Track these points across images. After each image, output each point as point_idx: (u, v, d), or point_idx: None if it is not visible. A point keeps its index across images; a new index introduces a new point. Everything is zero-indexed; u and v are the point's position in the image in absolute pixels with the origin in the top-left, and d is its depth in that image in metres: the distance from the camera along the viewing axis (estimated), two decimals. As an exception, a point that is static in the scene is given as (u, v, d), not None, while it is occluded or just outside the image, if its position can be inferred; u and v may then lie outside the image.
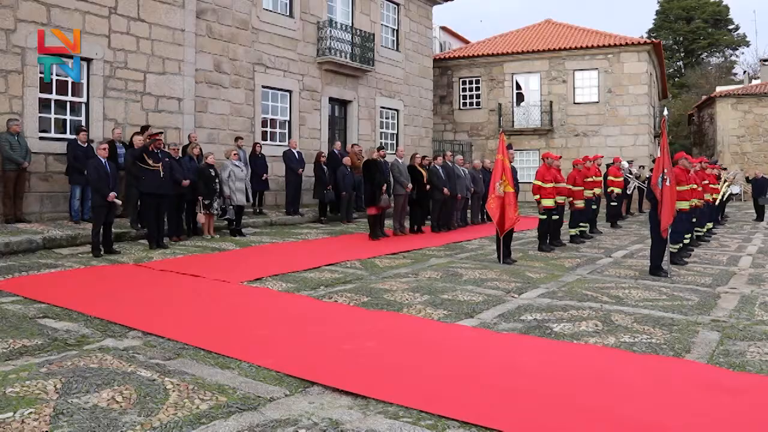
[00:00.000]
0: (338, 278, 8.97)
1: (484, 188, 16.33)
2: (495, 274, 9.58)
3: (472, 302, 7.57)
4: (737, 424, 4.10)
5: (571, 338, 6.10)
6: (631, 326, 6.56)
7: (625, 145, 27.73)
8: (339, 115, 21.83)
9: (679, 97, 52.30)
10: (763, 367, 5.32)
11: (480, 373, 4.97)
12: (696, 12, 58.70)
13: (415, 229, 15.09)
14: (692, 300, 8.04)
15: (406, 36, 24.84)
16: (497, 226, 10.82)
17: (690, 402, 4.49)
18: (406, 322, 6.64)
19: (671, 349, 5.79)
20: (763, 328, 6.64)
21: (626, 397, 4.53)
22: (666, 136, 10.29)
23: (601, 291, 8.46)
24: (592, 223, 15.75)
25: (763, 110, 36.11)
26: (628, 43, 28.56)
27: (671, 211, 9.69)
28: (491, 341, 6.01)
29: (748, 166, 33.90)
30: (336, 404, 4.29)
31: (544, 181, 12.50)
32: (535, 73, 29.62)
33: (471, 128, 30.50)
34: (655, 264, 10.00)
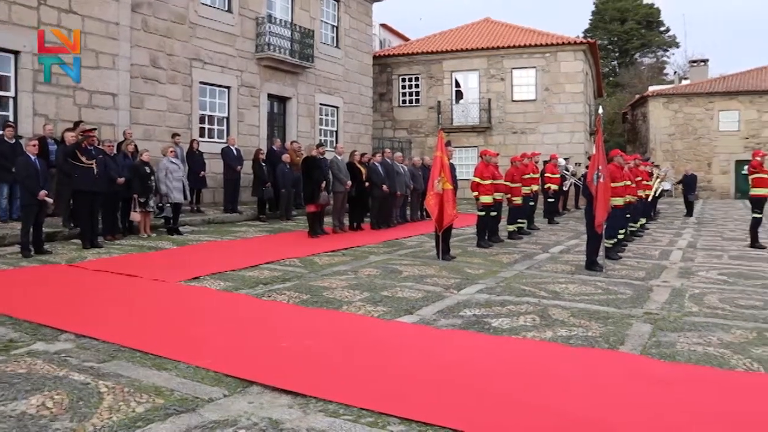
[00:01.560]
0: (277, 276, 8.91)
1: (423, 185, 16.42)
2: (434, 271, 9.64)
3: (412, 299, 7.61)
4: (669, 412, 4.22)
5: (510, 333, 6.19)
6: (567, 320, 6.69)
7: (562, 143, 28.24)
8: (278, 111, 21.67)
9: (614, 96, 53.52)
10: (691, 357, 5.50)
11: (420, 370, 5.00)
12: (630, 13, 60.20)
13: (355, 227, 15.09)
14: (626, 293, 8.25)
15: (346, 33, 24.80)
16: (436, 222, 10.89)
17: (625, 393, 4.60)
18: (345, 320, 6.64)
19: (606, 342, 5.93)
20: (692, 319, 6.86)
21: (563, 389, 4.62)
22: (601, 133, 10.51)
23: (538, 286, 8.60)
24: (529, 219, 15.99)
25: (692, 110, 37.27)
26: (564, 43, 29.12)
27: (606, 207, 9.92)
28: (431, 337, 6.05)
29: (679, 163, 34.96)
30: (276, 403, 4.26)
31: (482, 178, 12.62)
32: (474, 71, 29.93)
33: (410, 125, 30.66)
34: (590, 259, 10.21)
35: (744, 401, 4.52)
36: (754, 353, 5.63)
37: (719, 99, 37.11)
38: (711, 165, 36.95)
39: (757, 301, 7.90)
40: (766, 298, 8.10)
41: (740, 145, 36.14)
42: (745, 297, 8.17)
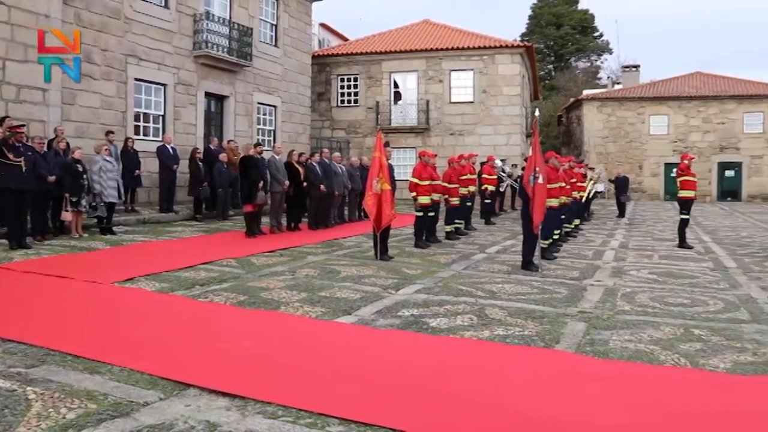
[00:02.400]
0: (214, 277, 8.79)
1: (361, 185, 16.44)
2: (372, 271, 9.66)
3: (350, 299, 7.61)
4: (604, 408, 4.33)
5: (448, 333, 6.24)
6: (504, 319, 6.79)
7: (499, 144, 28.62)
8: (215, 110, 21.39)
9: (550, 99, 54.46)
10: (624, 354, 5.65)
11: (359, 370, 5.00)
12: (565, 19, 61.39)
13: (292, 227, 15.01)
14: (561, 293, 8.41)
15: (285, 32, 24.64)
16: (374, 223, 10.92)
17: (561, 390, 4.69)
18: (283, 321, 6.59)
19: (542, 341, 6.04)
20: (624, 317, 7.05)
21: (501, 388, 4.69)
22: (537, 135, 10.70)
23: (475, 286, 8.70)
24: (467, 220, 16.16)
25: (624, 113, 38.24)
26: (502, 46, 29.52)
27: (542, 208, 10.10)
28: (369, 338, 6.06)
29: (612, 165, 35.80)
30: (213, 406, 4.20)
31: (420, 179, 12.70)
32: (412, 72, 30.08)
33: (349, 126, 30.64)
34: (526, 259, 10.38)
35: (673, 395, 4.67)
36: (681, 349, 5.83)
37: (650, 104, 38.19)
38: (642, 167, 37.98)
39: (684, 299, 8.17)
40: (694, 296, 8.38)
41: (669, 148, 37.24)
42: (673, 295, 8.44)
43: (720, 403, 4.55)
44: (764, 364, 5.47)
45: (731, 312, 7.53)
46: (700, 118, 37.35)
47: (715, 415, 4.28)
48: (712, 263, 11.84)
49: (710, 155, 37.07)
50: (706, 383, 5.02)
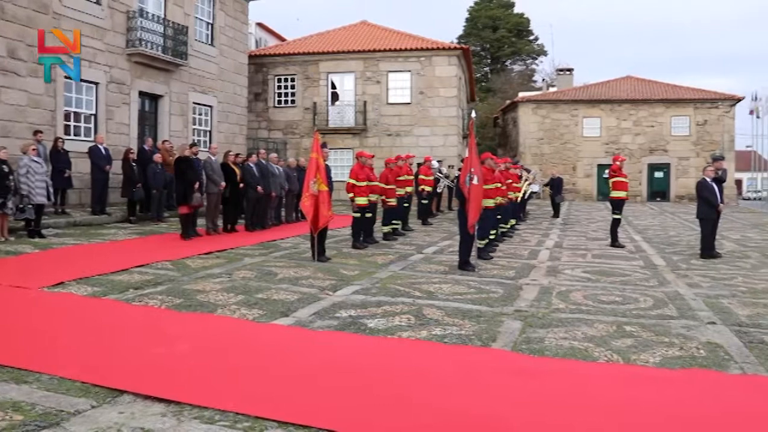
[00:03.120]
0: (148, 280, 8.62)
1: (298, 186, 16.34)
2: (309, 272, 9.62)
3: (287, 301, 7.56)
4: (540, 405, 4.40)
5: (386, 333, 6.26)
6: (442, 319, 6.84)
7: (436, 145, 28.83)
8: (150, 110, 20.96)
9: (486, 101, 55.05)
10: (559, 351, 5.77)
11: (297, 372, 4.97)
12: (501, 22, 62.17)
13: (229, 228, 14.82)
14: (497, 292, 8.52)
15: (221, 31, 24.32)
16: (311, 224, 10.88)
17: (498, 388, 4.77)
18: (220, 324, 6.51)
19: (479, 340, 6.11)
20: (559, 315, 7.19)
21: (439, 387, 4.72)
22: (474, 137, 10.82)
23: (413, 286, 8.74)
24: (404, 220, 16.23)
25: (559, 115, 38.99)
26: (439, 48, 29.78)
27: (478, 209, 10.20)
28: (307, 339, 6.03)
29: (546, 166, 36.44)
30: (148, 412, 4.11)
31: (357, 180, 12.70)
32: (350, 73, 30.07)
33: (286, 126, 30.45)
34: (463, 259, 10.47)
35: (605, 390, 4.81)
36: (614, 345, 5.98)
37: (583, 106, 39.02)
38: (576, 168, 38.77)
39: (617, 297, 8.38)
40: (625, 294, 8.60)
41: (602, 150, 38.13)
42: (606, 293, 8.64)
43: (650, 396, 4.68)
44: (690, 358, 5.67)
45: (660, 308, 7.76)
46: (631, 121, 38.37)
47: (645, 409, 4.40)
48: (642, 261, 12.17)
49: (640, 157, 38.10)
50: (637, 378, 5.16)
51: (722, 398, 4.75)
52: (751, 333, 6.61)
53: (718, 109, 38.00)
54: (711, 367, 5.46)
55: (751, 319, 7.29)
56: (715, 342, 6.22)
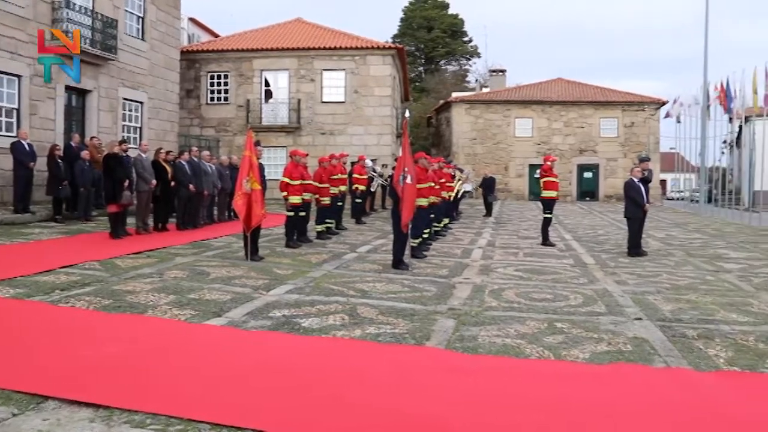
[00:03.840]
0: (75, 281, 8.37)
1: (231, 185, 16.14)
2: (243, 272, 9.52)
3: (220, 301, 7.46)
4: (474, 403, 4.45)
5: (320, 332, 6.24)
6: (376, 318, 6.86)
7: (370, 144, 28.88)
8: (77, 105, 20.36)
9: (420, 101, 55.38)
10: (492, 349, 5.84)
11: (230, 373, 4.90)
12: (436, 22, 62.67)
13: (160, 227, 14.53)
14: (431, 291, 8.59)
15: (153, 25, 23.79)
16: (244, 223, 10.76)
17: (432, 386, 4.79)
18: (151, 325, 6.37)
19: (413, 338, 6.14)
20: (492, 313, 7.29)
21: (373, 386, 4.73)
22: (407, 136, 10.86)
23: (347, 285, 8.74)
24: (337, 219, 16.21)
25: (491, 116, 39.53)
26: (374, 47, 29.84)
27: (412, 208, 10.26)
28: (240, 340, 5.96)
29: (479, 166, 36.91)
30: (75, 418, 3.99)
31: (291, 179, 12.63)
32: (284, 71, 29.88)
33: (218, 124, 30.05)
34: (397, 258, 10.52)
35: (538, 386, 4.89)
36: (545, 342, 6.09)
37: (515, 107, 39.67)
38: (508, 168, 39.37)
39: (548, 294, 8.54)
40: (556, 292, 8.78)
41: (533, 150, 38.83)
42: (537, 291, 8.81)
43: (579, 391, 4.80)
44: (618, 353, 5.83)
45: (590, 305, 7.95)
46: (561, 122, 39.20)
47: (575, 403, 4.50)
48: (572, 260, 12.44)
49: (571, 157, 38.95)
50: (568, 373, 5.27)
51: (647, 391, 4.89)
52: (674, 327, 6.84)
53: (644, 111, 39.17)
54: (637, 361, 5.63)
55: (674, 314, 7.54)
56: (641, 337, 6.41)
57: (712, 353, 5.92)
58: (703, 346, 6.15)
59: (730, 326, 7.01)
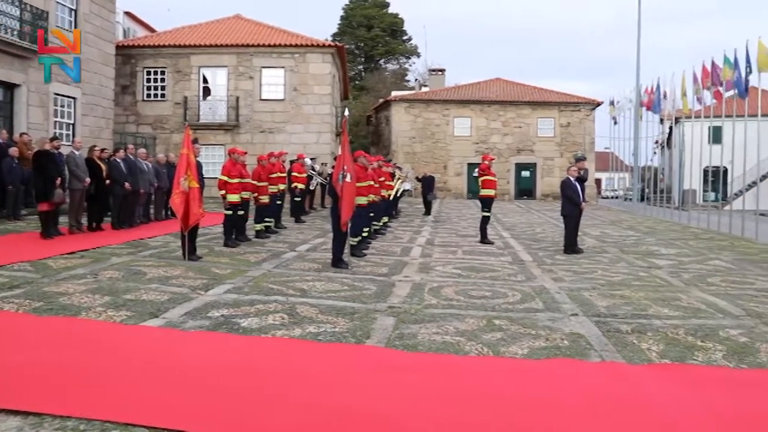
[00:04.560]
0: (4, 283, 8.09)
1: (168, 183, 15.85)
2: (180, 272, 9.36)
3: (157, 301, 7.32)
4: (414, 400, 4.47)
5: (259, 332, 6.18)
6: (315, 317, 6.82)
7: (309, 143, 28.76)
8: (4, 100, 19.69)
9: (359, 99, 55.42)
10: (431, 346, 5.87)
11: (168, 375, 4.81)
12: (376, 21, 62.78)
13: (94, 227, 14.18)
14: (371, 289, 8.59)
15: (86, 18, 23.16)
16: (182, 222, 10.58)
17: (373, 384, 4.80)
18: (85, 327, 6.20)
19: (353, 337, 6.13)
20: (431, 311, 7.33)
21: (313, 385, 4.69)
22: (347, 135, 10.85)
23: (286, 284, 8.68)
24: (277, 218, 16.09)
25: (431, 115, 39.81)
26: (314, 45, 29.74)
27: (351, 206, 10.25)
28: (178, 340, 5.86)
29: (418, 165, 37.13)
30: (2, 427, 3.83)
31: (230, 177, 12.49)
32: (222, 68, 29.53)
33: (155, 121, 29.51)
34: (336, 256, 10.49)
35: (477, 382, 4.94)
36: (484, 339, 6.16)
37: (454, 107, 40.05)
38: (447, 167, 39.72)
39: (486, 292, 8.64)
40: (495, 289, 8.88)
41: (472, 149, 39.26)
42: (476, 288, 8.90)
43: (518, 386, 4.88)
44: (555, 348, 5.94)
45: (527, 302, 8.06)
46: (499, 122, 39.73)
47: (513, 398, 4.56)
48: (510, 257, 12.60)
49: (509, 156, 39.51)
50: (507, 369, 5.34)
51: (583, 385, 5.01)
52: (609, 323, 7.00)
53: (580, 112, 39.99)
54: (574, 356, 5.74)
55: (609, 309, 7.72)
56: (577, 332, 6.53)
57: (645, 347, 6.08)
58: (637, 340, 6.31)
59: (662, 320, 7.21)
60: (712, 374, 5.41)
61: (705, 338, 6.45)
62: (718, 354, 5.94)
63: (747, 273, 11.39)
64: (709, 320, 7.34)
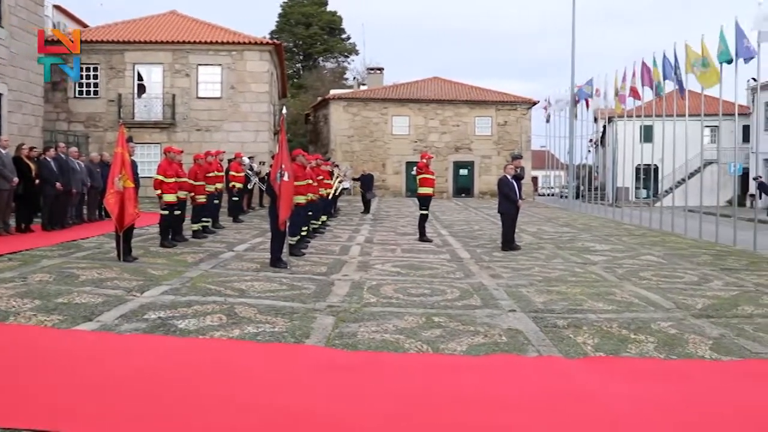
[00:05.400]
0: (-73, 286, 7.80)
1: (102, 183, 15.49)
2: (115, 273, 9.15)
3: (91, 304, 7.13)
4: (355, 398, 4.48)
5: (197, 334, 6.10)
6: (254, 317, 6.77)
7: (247, 141, 28.49)
8: (-74, 97, 18.97)
9: (297, 98, 55.18)
10: (371, 345, 5.89)
11: (103, 380, 4.69)
12: (314, 19, 62.52)
13: (23, 228, 13.76)
14: (310, 288, 8.55)
15: (12, 10, 22.34)
16: (117, 222, 10.35)
17: (313, 383, 4.78)
18: (13, 333, 6.01)
19: (293, 336, 6.10)
20: (371, 309, 7.34)
21: (253, 385, 4.66)
22: (285, 133, 10.78)
23: (224, 285, 8.58)
24: (214, 218, 15.89)
25: (369, 113, 39.90)
26: (251, 42, 29.48)
27: (289, 206, 10.19)
28: (114, 344, 5.73)
29: (357, 163, 37.14)
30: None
31: (165, 176, 12.28)
32: (158, 65, 29.01)
33: (88, 119, 28.78)
34: (275, 256, 10.42)
35: (417, 379, 4.97)
36: (423, 336, 6.20)
37: (393, 105, 40.21)
38: (385, 166, 39.85)
39: (425, 290, 8.69)
40: (433, 286, 8.95)
41: (410, 147, 39.48)
42: (415, 286, 8.95)
43: (457, 382, 4.92)
44: (493, 344, 6.02)
45: (466, 299, 8.15)
46: (437, 120, 40.07)
47: (453, 395, 4.61)
48: (449, 255, 12.71)
49: (447, 155, 39.87)
50: (446, 366, 5.39)
51: (522, 380, 5.09)
52: (546, 318, 7.13)
53: (516, 111, 40.63)
54: (512, 351, 5.83)
55: (546, 305, 7.86)
56: (515, 328, 6.63)
57: (580, 341, 6.22)
58: (573, 334, 6.45)
59: (597, 315, 7.38)
60: (644, 366, 5.57)
61: (637, 331, 6.63)
62: (650, 346, 6.12)
63: (677, 267, 11.76)
64: (641, 313, 7.55)
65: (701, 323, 7.13)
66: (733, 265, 12.38)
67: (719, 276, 10.83)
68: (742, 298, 8.75)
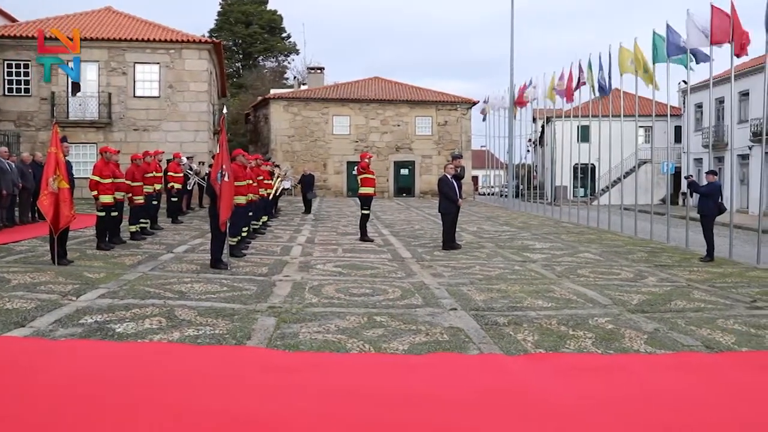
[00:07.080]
0: None
1: (34, 184, 15.07)
2: (49, 277, 8.91)
3: (23, 309, 6.93)
4: (297, 399, 4.46)
5: (135, 338, 5.99)
6: (194, 320, 6.69)
7: (186, 141, 28.10)
8: None
9: (237, 97, 54.65)
10: (313, 345, 5.88)
11: (37, 389, 4.56)
12: (254, 18, 61.97)
13: (-47, 230, 13.33)
14: (251, 289, 8.49)
15: (-64, 8, 21.67)
16: (51, 224, 10.08)
17: (254, 385, 4.74)
18: (-59, 338, 5.81)
19: (233, 338, 6.06)
20: (312, 310, 7.33)
21: (194, 389, 4.60)
22: (225, 133, 10.68)
23: (163, 287, 8.45)
24: (152, 219, 15.63)
25: (310, 113, 39.76)
26: (190, 41, 29.07)
27: (229, 206, 10.09)
28: (48, 350, 5.58)
29: (298, 163, 36.98)
30: None
31: (102, 177, 12.02)
32: (93, 63, 28.30)
33: (19, 117, 27.94)
34: (215, 257, 10.30)
35: (359, 379, 5.00)
36: (365, 336, 6.22)
37: (333, 105, 40.16)
38: (326, 165, 39.78)
39: (367, 289, 8.72)
40: (375, 286, 8.98)
41: (351, 147, 39.48)
42: (357, 286, 8.96)
43: (399, 381, 4.96)
44: (435, 343, 6.08)
45: (407, 298, 8.20)
46: (378, 120, 40.17)
47: (396, 394, 4.63)
48: (390, 254, 12.76)
49: (387, 155, 40.00)
50: (388, 365, 5.42)
51: (463, 378, 5.15)
52: (486, 316, 7.23)
53: (456, 111, 41.00)
54: (453, 349, 5.89)
55: (487, 303, 7.97)
56: (456, 326, 6.71)
57: (520, 338, 6.32)
58: (513, 331, 6.56)
59: (536, 312, 7.52)
60: (583, 361, 5.70)
61: (576, 327, 6.79)
62: (588, 341, 6.27)
63: (613, 264, 12.06)
64: (579, 310, 7.73)
65: (637, 318, 7.34)
66: (666, 261, 12.77)
67: (653, 272, 11.15)
68: (675, 294, 9.04)
